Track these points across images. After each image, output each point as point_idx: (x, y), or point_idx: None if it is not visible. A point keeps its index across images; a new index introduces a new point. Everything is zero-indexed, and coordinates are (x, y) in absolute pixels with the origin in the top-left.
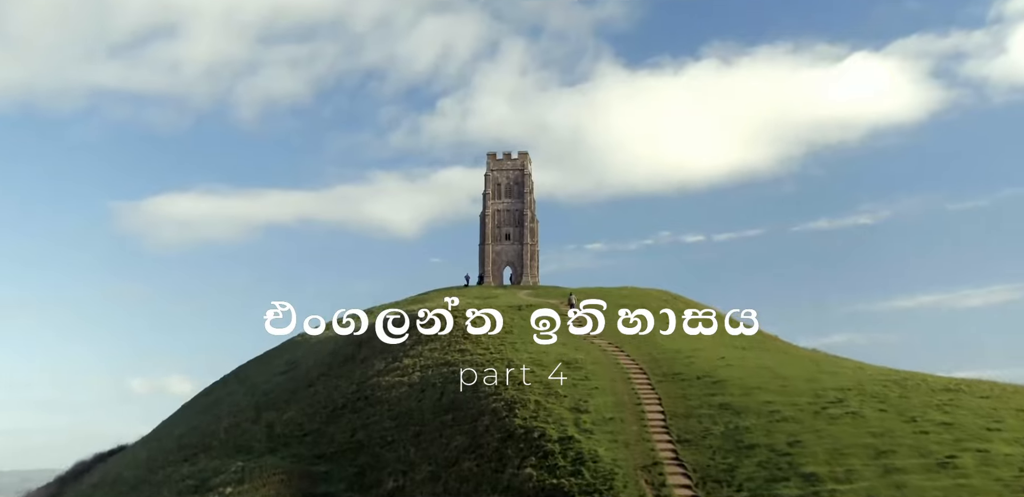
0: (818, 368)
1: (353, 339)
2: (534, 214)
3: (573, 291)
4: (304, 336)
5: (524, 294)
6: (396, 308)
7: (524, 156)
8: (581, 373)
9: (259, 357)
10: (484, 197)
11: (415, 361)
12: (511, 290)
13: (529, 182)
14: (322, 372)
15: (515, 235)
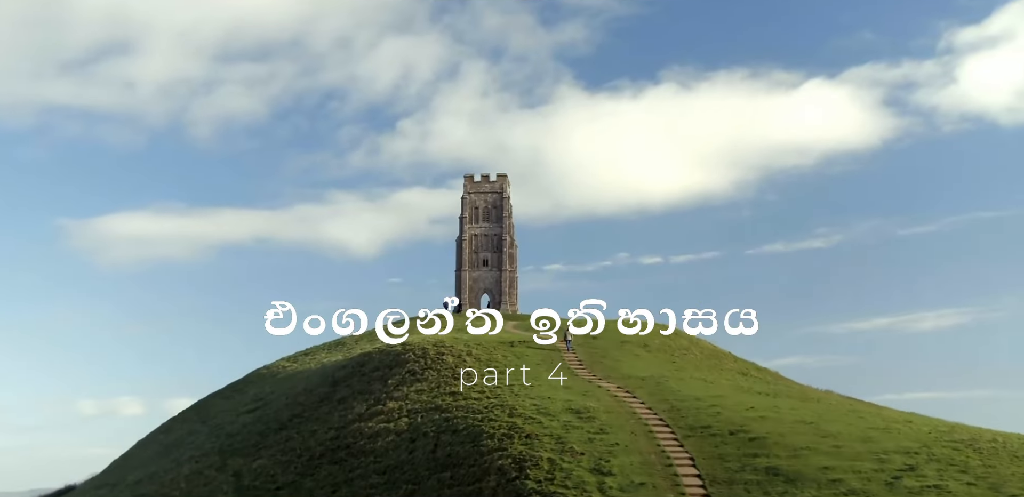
0: (864, 422)
1: (327, 375)
2: (513, 239)
3: (568, 327)
4: (271, 368)
5: (512, 326)
6: (368, 342)
7: (503, 179)
8: (595, 425)
9: (222, 390)
10: (460, 221)
11: (401, 405)
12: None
13: (508, 205)
14: (295, 413)
15: (493, 261)
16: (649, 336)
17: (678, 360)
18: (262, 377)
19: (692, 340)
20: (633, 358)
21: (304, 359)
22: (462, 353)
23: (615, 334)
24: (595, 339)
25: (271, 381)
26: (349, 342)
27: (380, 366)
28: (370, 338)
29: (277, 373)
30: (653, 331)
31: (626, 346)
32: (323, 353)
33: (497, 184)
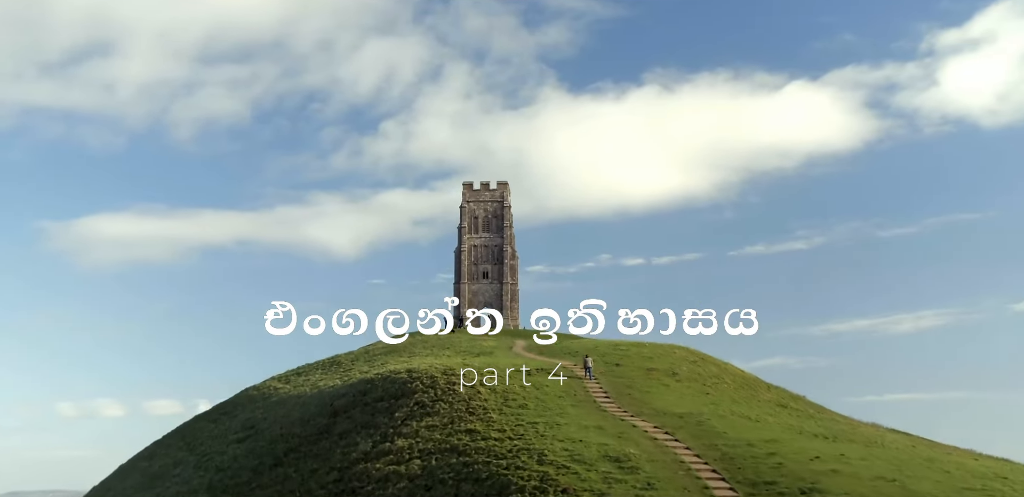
0: (953, 479)
1: (325, 403)
2: (514, 250)
3: (588, 351)
4: (261, 389)
5: (522, 347)
6: (364, 368)
7: (503, 187)
8: (640, 477)
9: (209, 412)
10: (459, 231)
11: (411, 443)
12: (497, 337)
13: (509, 215)
14: (291, 446)
15: (494, 273)
16: (676, 362)
17: (711, 391)
18: (252, 399)
19: (721, 366)
20: (663, 389)
21: (297, 380)
22: (474, 383)
23: (638, 360)
24: (618, 366)
25: (262, 405)
26: (345, 362)
27: (384, 396)
28: (367, 357)
29: (268, 395)
30: (679, 356)
31: (653, 375)
32: (318, 374)
33: (497, 192)
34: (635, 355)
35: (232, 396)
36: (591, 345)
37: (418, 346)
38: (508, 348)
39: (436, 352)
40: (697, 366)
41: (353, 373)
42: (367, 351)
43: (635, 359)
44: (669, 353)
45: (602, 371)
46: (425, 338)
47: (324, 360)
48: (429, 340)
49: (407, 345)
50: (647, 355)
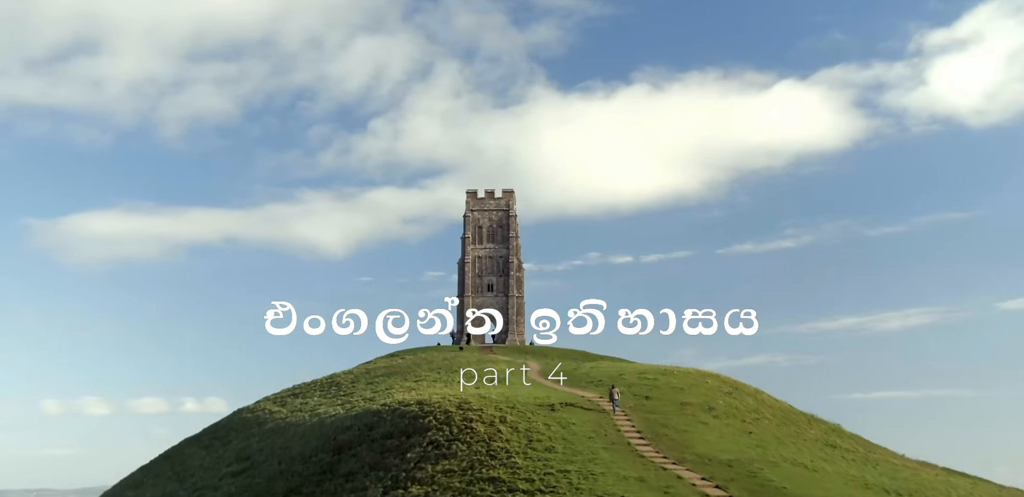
0: None
1: (327, 437)
2: (520, 261)
3: (612, 379)
4: (255, 412)
5: (536, 371)
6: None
7: (509, 195)
8: None
9: (199, 436)
10: (463, 242)
11: (427, 491)
12: (506, 355)
13: (515, 224)
14: (290, 486)
15: (499, 286)
16: (710, 394)
17: (753, 429)
18: (246, 423)
19: (757, 397)
20: (701, 428)
21: (294, 403)
22: (494, 420)
23: (669, 392)
24: (648, 400)
25: (257, 432)
26: (344, 383)
27: (394, 432)
28: (368, 378)
29: (263, 419)
30: (712, 387)
31: (688, 410)
32: (316, 396)
33: (503, 200)
34: (665, 386)
35: (224, 417)
36: (615, 372)
37: (423, 367)
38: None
39: (444, 376)
40: (733, 398)
41: (355, 399)
42: (367, 370)
43: (665, 391)
44: (700, 383)
45: (631, 405)
46: (429, 357)
47: (322, 380)
48: (434, 359)
49: (411, 366)
50: (677, 386)
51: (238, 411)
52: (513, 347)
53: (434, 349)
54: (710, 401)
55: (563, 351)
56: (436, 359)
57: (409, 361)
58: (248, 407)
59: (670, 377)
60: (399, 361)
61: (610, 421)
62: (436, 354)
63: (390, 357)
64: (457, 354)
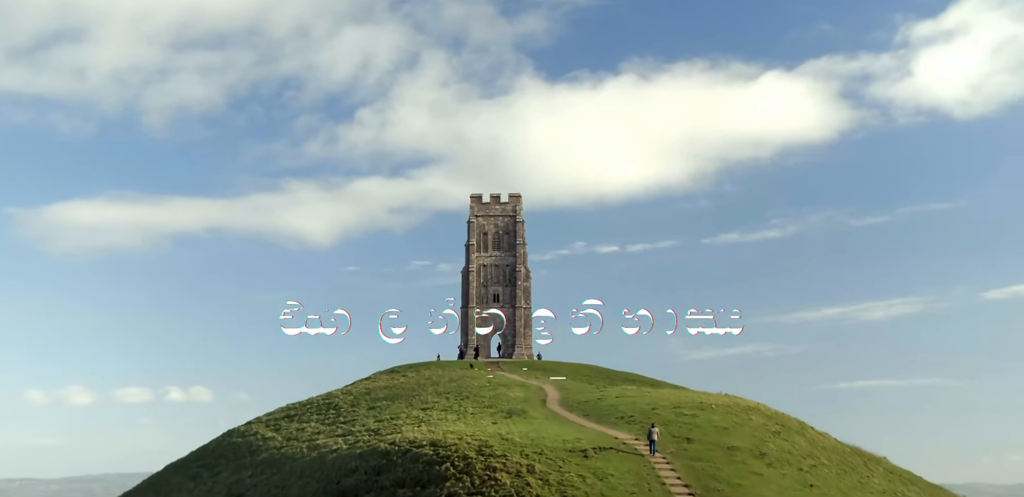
0: None
1: (329, 478)
2: (528, 270)
3: (646, 414)
4: (246, 436)
5: (556, 400)
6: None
7: (515, 199)
8: None
9: (184, 460)
10: (466, 249)
11: None
12: (516, 374)
13: (522, 231)
14: None
15: (505, 296)
16: (757, 435)
17: (814, 480)
18: (236, 450)
19: (805, 434)
20: (756, 480)
21: (289, 428)
22: (520, 469)
23: (712, 433)
24: (690, 443)
25: (250, 462)
26: (344, 406)
27: (406, 479)
28: (369, 401)
29: (256, 448)
30: (758, 425)
31: (737, 456)
32: (312, 421)
33: (509, 206)
34: (706, 424)
35: (213, 441)
36: (646, 405)
37: (428, 390)
38: (539, 397)
39: (455, 404)
40: (783, 440)
41: (357, 428)
42: (367, 391)
43: (707, 431)
44: (744, 421)
45: (672, 450)
46: (434, 376)
47: (318, 400)
48: (440, 380)
49: (415, 387)
50: (720, 424)
51: (228, 434)
52: (521, 362)
53: (437, 365)
54: (760, 444)
55: (574, 366)
56: (442, 380)
57: (412, 380)
58: (238, 430)
59: (710, 413)
60: (401, 380)
61: (651, 470)
62: (441, 373)
63: (390, 373)
64: (464, 373)
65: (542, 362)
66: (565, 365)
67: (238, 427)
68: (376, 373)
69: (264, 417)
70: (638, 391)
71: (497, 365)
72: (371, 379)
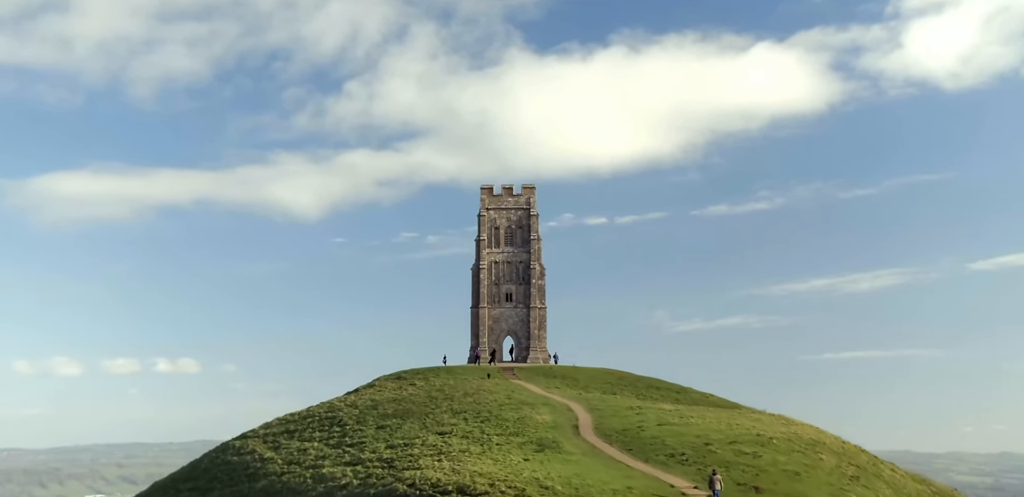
0: None
1: None
2: (543, 268)
3: (700, 454)
4: (241, 453)
5: (589, 426)
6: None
7: (529, 191)
8: None
9: (176, 477)
10: (477, 245)
11: None
12: (535, 384)
13: (536, 224)
14: None
15: (519, 295)
16: (832, 479)
17: None
18: (231, 471)
19: (882, 476)
20: None
21: (289, 446)
22: None
23: (781, 478)
24: (760, 494)
25: (247, 488)
26: (348, 421)
27: None
28: (377, 418)
29: (252, 469)
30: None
31: None
32: (315, 439)
33: (523, 198)
34: (771, 466)
35: (206, 457)
36: (696, 438)
37: (442, 406)
38: (569, 421)
39: (476, 428)
40: (864, 487)
41: (367, 455)
42: (373, 404)
43: (776, 476)
44: (814, 461)
45: None
46: (445, 386)
47: (319, 412)
48: (454, 394)
49: (426, 401)
50: (787, 465)
51: (222, 449)
52: (539, 368)
53: (447, 373)
54: (837, 492)
55: (592, 372)
56: (456, 393)
57: (422, 392)
58: (233, 445)
59: (774, 451)
60: (410, 390)
61: None
62: (453, 383)
63: (396, 381)
64: (479, 385)
65: (560, 368)
66: (583, 371)
67: (232, 442)
68: (380, 378)
69: (261, 430)
70: (678, 414)
71: (512, 371)
72: (375, 387)
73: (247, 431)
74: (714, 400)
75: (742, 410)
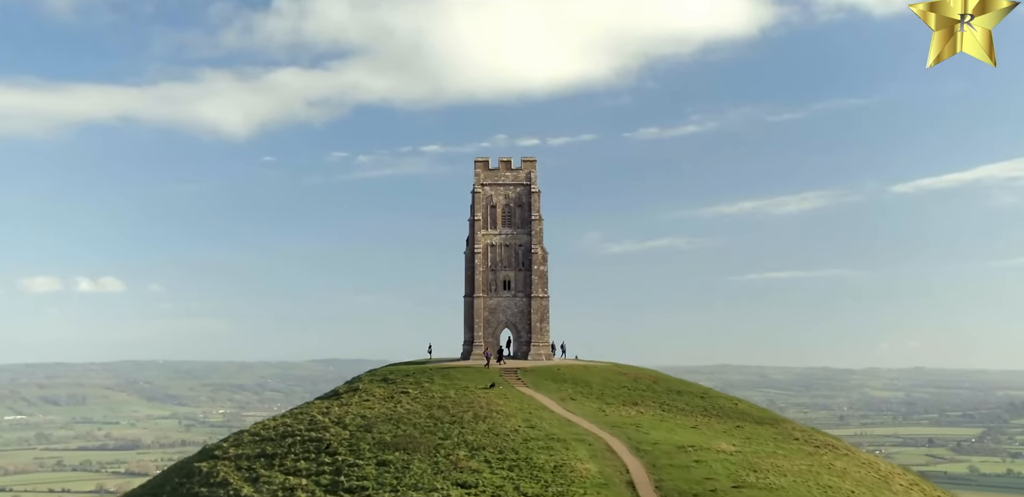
0: None
1: None
2: (545, 251)
3: None
4: (211, 487)
5: (638, 472)
6: None
7: (530, 165)
8: None
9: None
10: (471, 226)
11: None
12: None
13: (537, 203)
14: None
15: (518, 282)
16: None
17: None
18: None
19: None
20: None
21: (271, 480)
22: None
23: None
24: None
25: None
26: (340, 448)
27: None
28: (372, 446)
29: None
30: None
31: None
32: (302, 475)
33: (523, 173)
34: None
35: (168, 484)
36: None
37: (452, 434)
38: (615, 468)
39: (503, 476)
40: None
41: None
42: (365, 422)
43: None
44: None
45: None
46: (452, 408)
47: (298, 427)
48: (462, 418)
49: (432, 427)
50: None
51: (185, 473)
52: (545, 370)
53: (441, 375)
54: None
55: (604, 373)
56: (462, 413)
57: (419, 405)
58: (199, 469)
59: None
60: (405, 404)
61: None
62: (455, 396)
63: (384, 385)
64: (489, 402)
65: (568, 369)
66: (593, 372)
67: (199, 465)
68: (364, 379)
69: (231, 448)
70: (744, 461)
71: (515, 373)
72: (361, 393)
73: (213, 445)
74: (744, 408)
75: (788, 427)
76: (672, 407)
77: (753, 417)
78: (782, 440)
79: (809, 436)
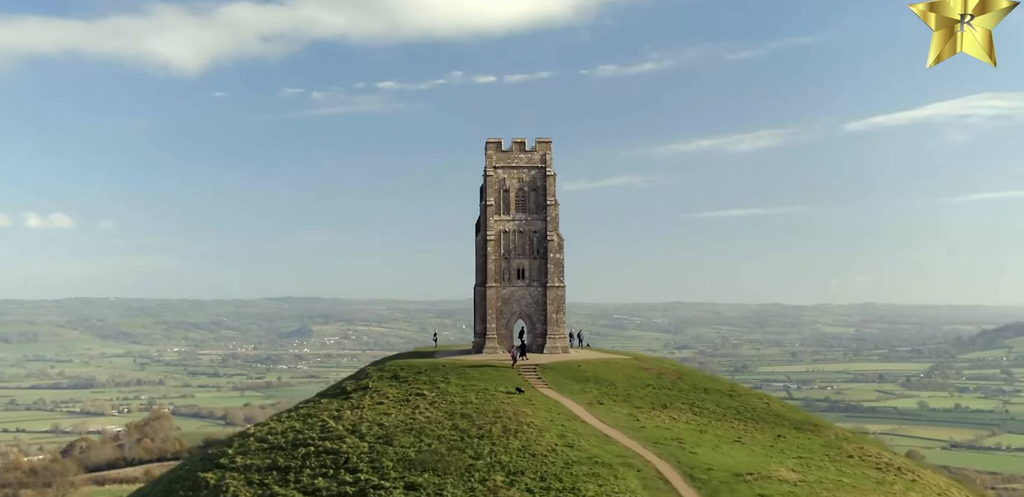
0: None
1: None
2: (561, 238)
3: None
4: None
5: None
6: None
7: (545, 146)
8: None
9: None
10: (483, 211)
11: None
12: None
13: (552, 186)
14: None
15: (532, 272)
16: None
17: None
18: None
19: None
20: None
21: (283, 493)
22: None
23: None
24: None
25: None
26: (360, 464)
27: None
28: (398, 465)
29: None
30: None
31: None
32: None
33: (537, 155)
34: None
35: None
36: None
37: (483, 453)
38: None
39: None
40: None
41: None
42: (383, 432)
43: None
44: None
45: None
46: (477, 417)
47: (311, 435)
48: (489, 428)
49: (457, 441)
50: None
51: (191, 486)
52: (565, 368)
53: (456, 374)
54: None
55: (625, 369)
56: (488, 424)
57: (440, 412)
58: (205, 481)
59: None
60: (424, 410)
61: None
62: (477, 401)
63: (396, 383)
64: (518, 413)
65: (588, 366)
66: (614, 368)
67: (207, 477)
68: (373, 375)
69: (238, 457)
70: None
71: (535, 370)
72: (372, 392)
73: (218, 453)
74: (777, 409)
75: (832, 436)
76: (703, 410)
77: (790, 421)
78: (837, 458)
79: (862, 451)
